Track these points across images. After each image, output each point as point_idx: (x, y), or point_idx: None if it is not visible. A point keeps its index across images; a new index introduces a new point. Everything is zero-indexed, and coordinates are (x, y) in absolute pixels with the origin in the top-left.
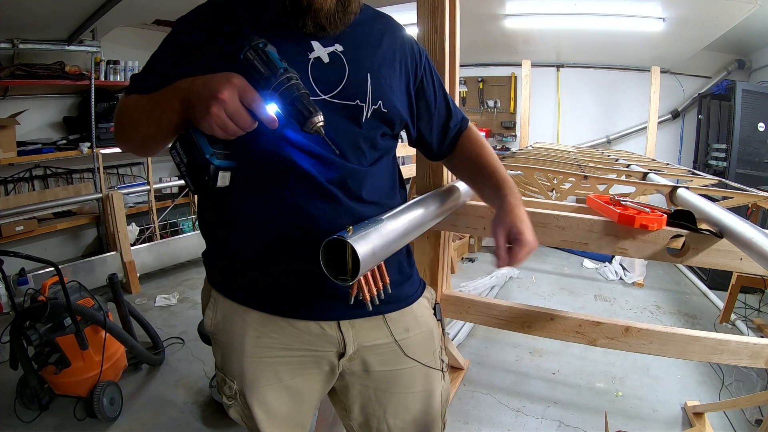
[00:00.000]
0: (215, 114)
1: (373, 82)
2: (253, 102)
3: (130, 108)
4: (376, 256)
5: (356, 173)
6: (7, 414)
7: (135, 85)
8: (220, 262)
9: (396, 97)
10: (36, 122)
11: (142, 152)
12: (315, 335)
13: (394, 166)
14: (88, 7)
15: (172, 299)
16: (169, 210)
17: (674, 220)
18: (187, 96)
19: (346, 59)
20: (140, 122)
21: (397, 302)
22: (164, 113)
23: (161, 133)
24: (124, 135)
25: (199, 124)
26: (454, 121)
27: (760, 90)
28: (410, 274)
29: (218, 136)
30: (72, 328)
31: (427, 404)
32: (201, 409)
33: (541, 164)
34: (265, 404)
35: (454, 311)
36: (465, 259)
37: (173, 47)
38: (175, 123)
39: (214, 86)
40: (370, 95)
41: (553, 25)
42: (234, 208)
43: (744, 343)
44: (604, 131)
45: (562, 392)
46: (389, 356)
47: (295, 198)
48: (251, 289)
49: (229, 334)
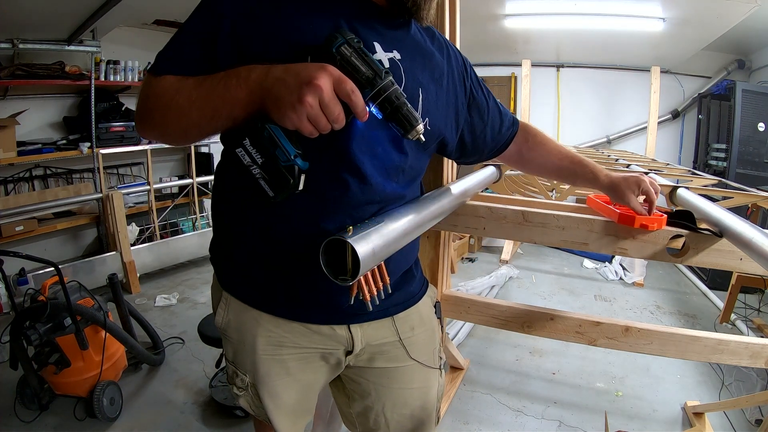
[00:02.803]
0: (309, 104)
1: (424, 97)
2: (352, 93)
3: (169, 91)
4: (376, 256)
5: (392, 192)
6: (7, 414)
7: (165, 64)
8: (232, 265)
9: (440, 115)
10: (36, 122)
11: (177, 140)
12: (325, 335)
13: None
14: (88, 7)
15: (172, 299)
16: (169, 210)
17: (674, 220)
18: (264, 86)
19: (403, 68)
20: (186, 110)
21: (405, 302)
22: (225, 104)
23: (214, 124)
24: (157, 121)
25: (285, 115)
26: (506, 126)
27: (760, 90)
28: (416, 273)
29: (304, 132)
30: (72, 328)
31: (424, 400)
32: (201, 409)
33: None
34: (275, 396)
35: (454, 311)
36: (465, 259)
37: (201, 19)
38: (236, 115)
39: (306, 74)
40: (420, 111)
41: (553, 25)
42: (250, 213)
43: (744, 343)
44: (604, 131)
45: (562, 392)
46: (393, 353)
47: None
48: (265, 293)
49: (242, 333)
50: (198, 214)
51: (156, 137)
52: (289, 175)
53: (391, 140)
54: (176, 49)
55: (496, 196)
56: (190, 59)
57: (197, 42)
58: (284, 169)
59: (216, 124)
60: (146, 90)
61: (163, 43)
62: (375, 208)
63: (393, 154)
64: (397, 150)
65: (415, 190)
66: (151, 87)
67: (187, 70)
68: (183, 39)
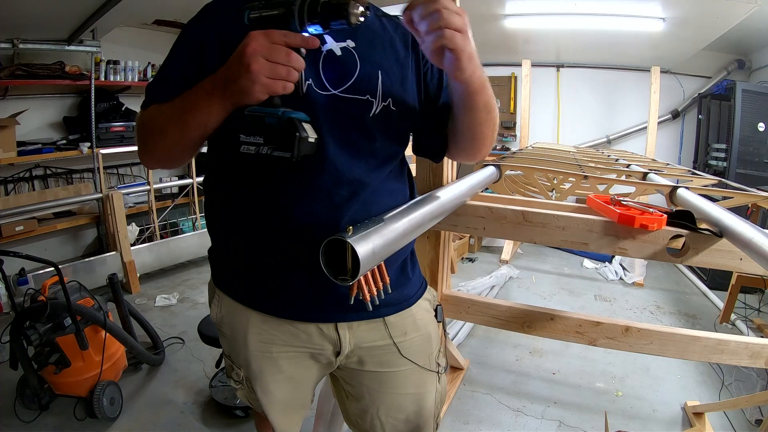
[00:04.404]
0: (256, 68)
1: (384, 78)
2: (284, 36)
3: (151, 118)
4: (376, 256)
5: (360, 176)
6: (7, 414)
7: (151, 95)
8: (222, 262)
9: (408, 97)
10: (36, 122)
11: (168, 163)
12: (313, 335)
13: (401, 176)
14: (88, 7)
15: (172, 299)
16: (169, 210)
17: (674, 220)
18: (218, 85)
19: (357, 54)
20: (165, 129)
21: (397, 304)
22: (191, 113)
23: (189, 136)
24: (149, 148)
25: (249, 91)
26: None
27: (760, 90)
28: (411, 276)
29: (276, 91)
30: (72, 328)
31: (420, 406)
32: (201, 409)
33: (541, 164)
34: (269, 393)
35: (454, 311)
36: (465, 259)
37: (183, 48)
38: (203, 121)
39: (238, 51)
40: (380, 92)
41: (553, 25)
42: (235, 209)
43: (744, 343)
44: (604, 131)
45: (562, 392)
46: (385, 357)
47: (292, 200)
48: (251, 290)
49: (234, 330)
50: (198, 214)
51: (155, 164)
52: (290, 127)
53: (355, 120)
54: (161, 78)
55: (496, 196)
56: (176, 78)
57: (186, 58)
58: (284, 126)
59: (190, 134)
60: (138, 123)
61: (163, 42)
62: (346, 192)
63: (355, 134)
64: (358, 130)
65: (394, 176)
66: (141, 118)
67: (173, 92)
68: (168, 65)
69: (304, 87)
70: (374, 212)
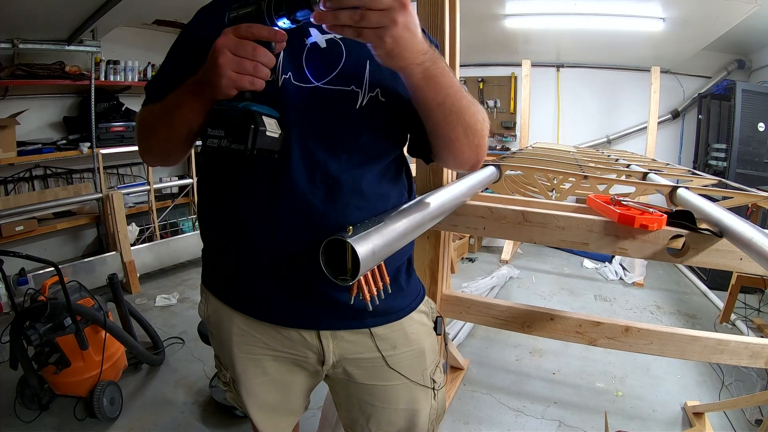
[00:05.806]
0: (224, 62)
1: (372, 67)
2: (250, 29)
3: (145, 117)
4: (376, 256)
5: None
6: (7, 414)
7: (148, 95)
8: (209, 262)
9: (400, 87)
10: (36, 122)
11: (163, 159)
12: (295, 341)
13: (396, 178)
14: (88, 7)
15: (172, 299)
16: (169, 210)
17: (674, 220)
18: (197, 82)
19: (344, 45)
20: (155, 127)
21: (386, 315)
22: (177, 110)
23: (176, 133)
24: (145, 146)
25: (218, 86)
26: None
27: (760, 90)
28: (405, 287)
29: (243, 87)
30: (72, 328)
31: (411, 422)
32: (201, 409)
33: (541, 164)
34: (254, 395)
35: (454, 311)
36: (465, 259)
37: (178, 49)
38: (189, 119)
39: (212, 49)
40: (367, 81)
41: (553, 25)
42: (216, 209)
43: (744, 343)
44: (604, 131)
45: (562, 392)
46: (372, 371)
47: (264, 199)
48: (235, 291)
49: (220, 329)
50: None
51: (152, 160)
52: (248, 119)
53: (338, 112)
54: (157, 78)
55: (496, 196)
56: (171, 78)
57: (180, 59)
58: (242, 118)
59: (177, 131)
60: (136, 121)
61: (163, 42)
62: (321, 192)
63: (338, 128)
64: (342, 123)
65: (387, 178)
66: (137, 119)
67: (167, 92)
68: (164, 66)
69: (280, 81)
70: (357, 216)
